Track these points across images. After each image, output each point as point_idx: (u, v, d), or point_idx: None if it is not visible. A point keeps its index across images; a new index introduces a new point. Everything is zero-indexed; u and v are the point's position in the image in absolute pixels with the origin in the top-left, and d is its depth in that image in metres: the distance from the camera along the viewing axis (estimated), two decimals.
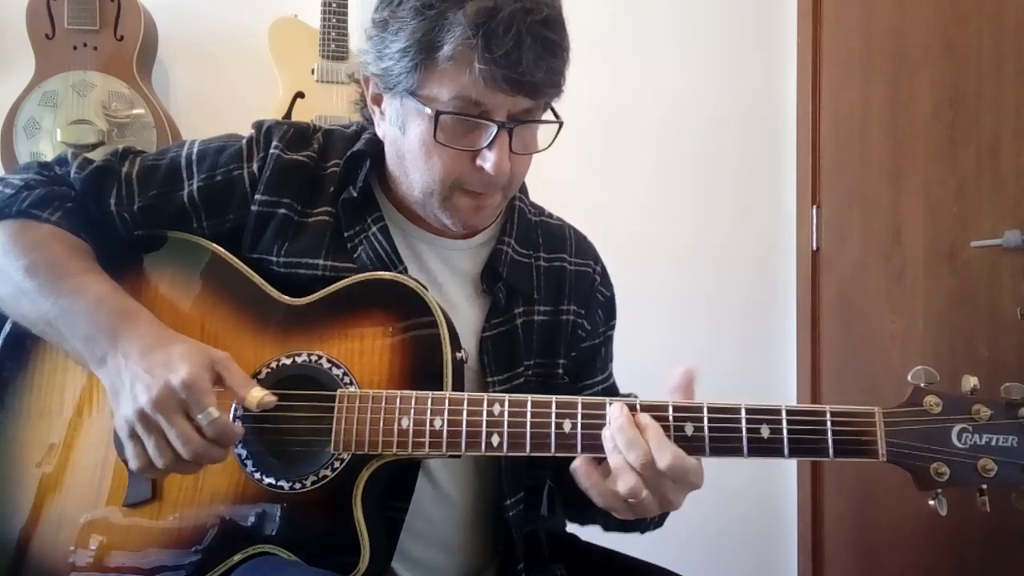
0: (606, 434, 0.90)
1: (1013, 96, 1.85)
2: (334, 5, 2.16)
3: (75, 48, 2.09)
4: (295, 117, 2.13)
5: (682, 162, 2.44)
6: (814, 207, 2.35)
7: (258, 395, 0.92)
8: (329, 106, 2.17)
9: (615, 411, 0.89)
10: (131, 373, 0.91)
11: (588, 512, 1.10)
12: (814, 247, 2.35)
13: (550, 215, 1.22)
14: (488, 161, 0.97)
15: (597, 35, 2.39)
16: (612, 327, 1.24)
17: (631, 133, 2.43)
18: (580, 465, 0.90)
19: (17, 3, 2.08)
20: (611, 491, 0.89)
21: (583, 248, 1.21)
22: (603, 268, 1.23)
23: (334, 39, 2.17)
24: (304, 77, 2.17)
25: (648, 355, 2.33)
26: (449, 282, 1.11)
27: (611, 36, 2.42)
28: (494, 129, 0.95)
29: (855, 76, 2.25)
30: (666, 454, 0.86)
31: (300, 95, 2.17)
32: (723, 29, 2.47)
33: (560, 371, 1.14)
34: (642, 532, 1.10)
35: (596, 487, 0.90)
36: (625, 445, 0.87)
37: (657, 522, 1.09)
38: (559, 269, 1.16)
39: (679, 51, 2.46)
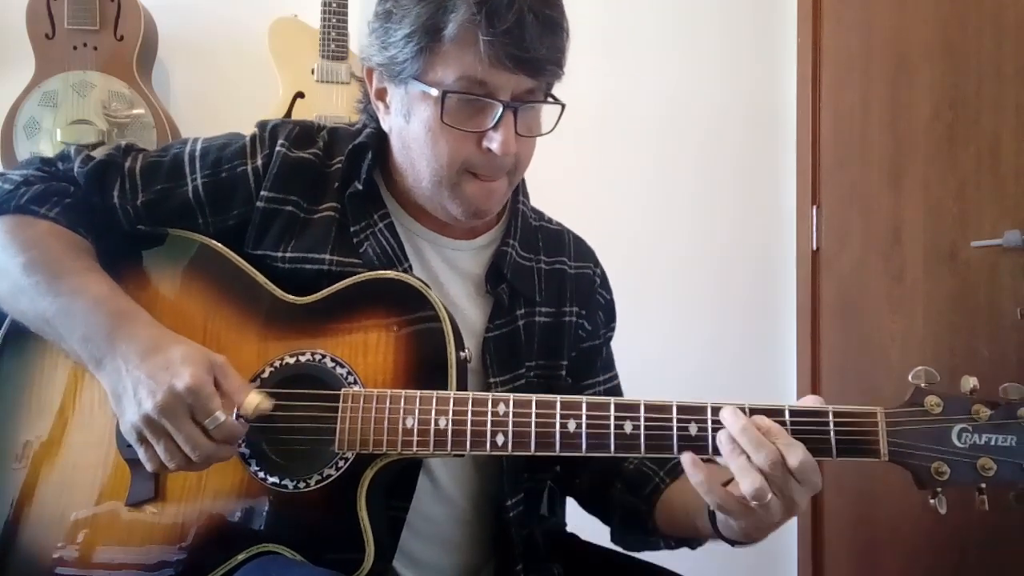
0: (723, 437, 0.88)
1: (1013, 96, 1.85)
2: (334, 5, 2.16)
3: (75, 48, 2.08)
4: (295, 117, 2.12)
5: (682, 162, 2.44)
6: (814, 207, 2.35)
7: (254, 401, 0.92)
8: (329, 106, 2.17)
9: (731, 415, 0.88)
10: (133, 378, 0.90)
11: (652, 538, 1.11)
12: (814, 247, 2.35)
13: (549, 220, 1.23)
14: (495, 142, 0.97)
15: (597, 35, 2.39)
16: (612, 329, 1.25)
17: (631, 133, 2.43)
18: (688, 459, 0.88)
19: (17, 3, 2.08)
20: (729, 494, 0.88)
21: (582, 251, 1.22)
22: (602, 271, 1.23)
23: (334, 39, 2.17)
24: (304, 77, 2.17)
25: (648, 355, 2.34)
26: (451, 282, 1.11)
27: (611, 36, 2.42)
28: (499, 109, 0.96)
29: (855, 76, 2.26)
30: (797, 451, 0.85)
31: (300, 95, 2.18)
32: (723, 29, 2.47)
33: (563, 372, 1.15)
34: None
35: (710, 486, 0.88)
36: (752, 447, 0.86)
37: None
38: (559, 272, 1.17)
39: (679, 50, 2.45)
